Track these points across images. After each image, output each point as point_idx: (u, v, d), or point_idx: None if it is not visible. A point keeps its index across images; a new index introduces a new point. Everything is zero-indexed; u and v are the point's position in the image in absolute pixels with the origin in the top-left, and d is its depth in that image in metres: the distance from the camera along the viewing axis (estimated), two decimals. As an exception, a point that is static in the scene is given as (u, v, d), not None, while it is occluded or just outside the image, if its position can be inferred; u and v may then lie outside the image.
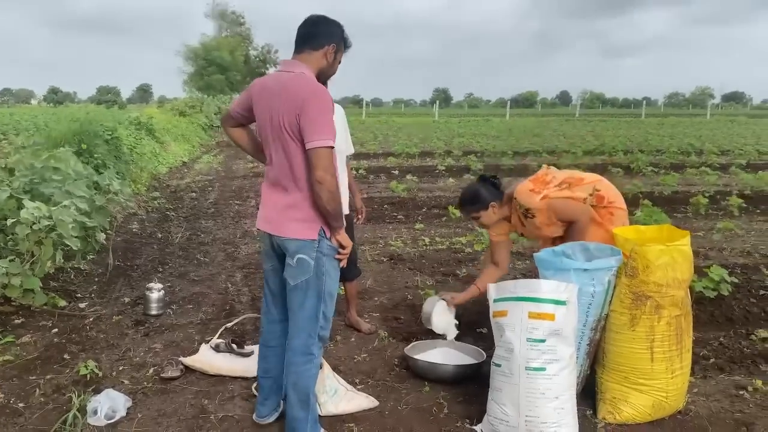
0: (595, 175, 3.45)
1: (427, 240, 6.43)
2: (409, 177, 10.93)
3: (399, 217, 7.80)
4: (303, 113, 2.30)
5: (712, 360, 3.55)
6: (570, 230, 3.24)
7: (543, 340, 2.57)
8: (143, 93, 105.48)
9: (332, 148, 2.33)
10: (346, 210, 3.81)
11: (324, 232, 2.45)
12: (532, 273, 4.67)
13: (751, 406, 3.03)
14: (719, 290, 4.31)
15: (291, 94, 2.34)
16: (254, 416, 2.87)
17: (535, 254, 2.95)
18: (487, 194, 3.36)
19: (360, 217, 4.04)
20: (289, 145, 2.38)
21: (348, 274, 3.96)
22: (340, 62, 2.60)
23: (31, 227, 3.80)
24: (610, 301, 2.82)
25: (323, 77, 2.54)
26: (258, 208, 2.69)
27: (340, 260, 2.54)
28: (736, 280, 4.60)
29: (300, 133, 2.33)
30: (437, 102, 60.19)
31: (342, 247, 2.49)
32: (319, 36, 2.47)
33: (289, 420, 2.57)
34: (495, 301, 2.77)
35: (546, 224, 3.30)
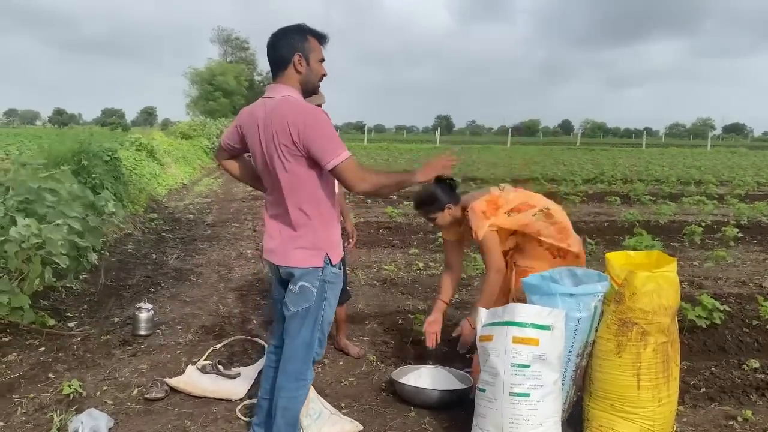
0: (548, 201, 3.45)
1: (421, 264, 6.42)
2: (407, 203, 10.95)
3: (394, 241, 7.80)
4: (305, 138, 2.26)
5: (702, 389, 3.52)
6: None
7: (527, 366, 2.55)
8: (147, 116, 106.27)
9: (348, 158, 2.29)
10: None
11: (329, 259, 2.40)
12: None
13: (740, 436, 2.99)
14: (712, 319, 4.29)
15: (282, 119, 2.29)
16: None
17: (522, 279, 2.94)
18: (443, 196, 3.37)
19: (351, 241, 4.03)
20: (286, 171, 2.33)
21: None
22: (321, 60, 2.45)
23: (20, 245, 3.80)
24: (597, 328, 2.80)
25: (309, 86, 2.45)
26: (254, 231, 2.69)
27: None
28: (730, 310, 4.57)
29: (301, 158, 2.30)
30: (439, 129, 60.56)
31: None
32: (283, 54, 2.39)
33: None
34: (484, 326, 2.76)
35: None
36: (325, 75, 2.48)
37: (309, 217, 2.37)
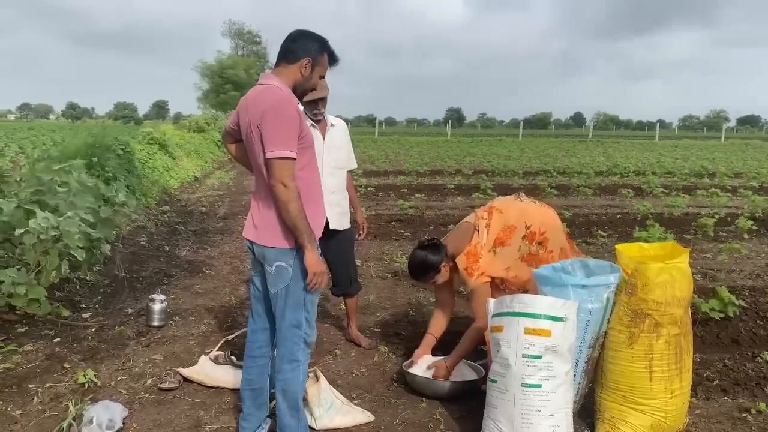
0: (531, 209, 3.44)
1: (432, 257, 6.40)
2: (417, 195, 10.94)
3: (405, 234, 7.80)
4: (262, 123, 2.36)
5: (716, 382, 3.50)
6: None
7: (539, 357, 2.54)
8: (159, 109, 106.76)
9: (288, 159, 2.34)
10: (347, 224, 3.83)
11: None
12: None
13: (753, 429, 2.98)
14: (726, 312, 4.26)
15: (256, 105, 2.41)
16: None
17: (534, 270, 2.93)
18: (434, 258, 3.38)
19: (361, 233, 4.04)
20: (259, 155, 2.44)
21: (348, 289, 3.97)
22: (322, 76, 2.62)
23: (38, 237, 3.84)
24: (609, 319, 2.80)
25: (300, 90, 2.56)
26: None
27: (309, 285, 2.42)
28: (744, 303, 4.54)
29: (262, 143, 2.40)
30: (450, 122, 60.33)
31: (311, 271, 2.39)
32: (296, 50, 2.50)
33: (280, 427, 2.59)
34: (493, 316, 2.76)
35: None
36: (314, 89, 2.69)
37: None
